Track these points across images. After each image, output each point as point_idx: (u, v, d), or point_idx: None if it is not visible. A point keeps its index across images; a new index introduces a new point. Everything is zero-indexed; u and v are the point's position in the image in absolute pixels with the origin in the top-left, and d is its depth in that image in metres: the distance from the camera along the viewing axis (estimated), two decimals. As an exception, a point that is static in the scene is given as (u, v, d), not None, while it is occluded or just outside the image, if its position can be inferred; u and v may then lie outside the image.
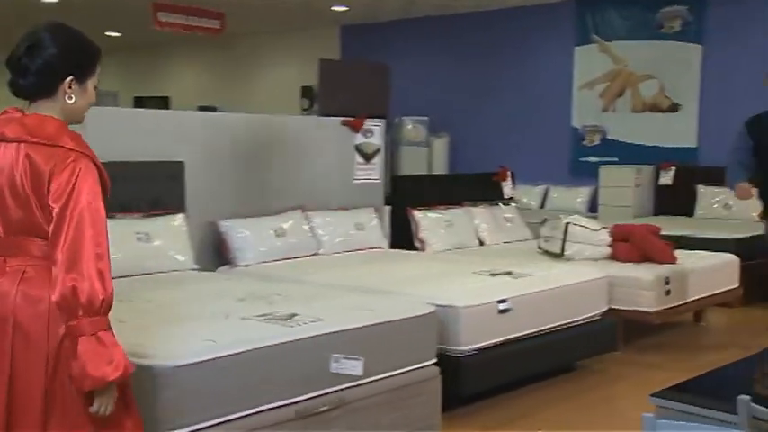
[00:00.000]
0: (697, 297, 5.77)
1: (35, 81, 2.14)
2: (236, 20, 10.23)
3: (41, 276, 2.09)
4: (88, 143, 2.16)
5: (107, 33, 12.44)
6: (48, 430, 2.08)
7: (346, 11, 10.82)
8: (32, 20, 2.38)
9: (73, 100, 2.16)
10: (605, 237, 5.79)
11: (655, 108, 9.29)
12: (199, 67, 14.00)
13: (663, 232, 6.04)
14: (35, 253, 2.10)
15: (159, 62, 14.40)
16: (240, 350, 3.00)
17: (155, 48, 13.92)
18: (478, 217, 6.58)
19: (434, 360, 3.79)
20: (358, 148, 5.99)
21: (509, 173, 7.13)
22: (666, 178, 8.74)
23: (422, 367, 3.71)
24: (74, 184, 2.05)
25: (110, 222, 2.16)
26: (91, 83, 2.21)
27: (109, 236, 2.12)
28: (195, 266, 4.71)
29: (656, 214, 8.67)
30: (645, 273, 5.46)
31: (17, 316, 2.07)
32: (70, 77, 2.15)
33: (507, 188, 7.09)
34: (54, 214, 2.05)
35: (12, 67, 2.16)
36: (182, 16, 9.09)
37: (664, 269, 5.56)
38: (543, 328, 4.52)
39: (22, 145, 2.09)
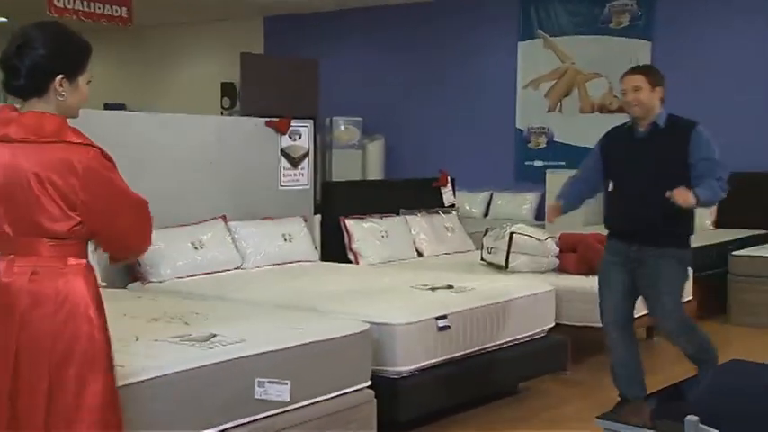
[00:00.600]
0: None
1: (25, 83, 2.34)
2: (146, 9, 10.09)
3: (50, 277, 2.32)
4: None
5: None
6: (50, 429, 2.30)
7: (271, 0, 10.80)
8: None
9: (64, 98, 2.36)
10: (552, 247, 5.90)
11: (603, 109, 9.52)
12: (106, 62, 13.70)
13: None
14: (44, 253, 2.33)
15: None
16: (153, 376, 2.98)
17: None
18: (417, 226, 6.64)
19: (369, 383, 3.82)
20: (284, 152, 5.98)
21: (449, 178, 7.21)
22: (617, 184, 8.92)
23: (355, 391, 3.73)
24: (102, 178, 2.32)
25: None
26: (82, 80, 2.40)
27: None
28: (102, 283, 4.57)
29: (606, 222, 8.84)
30: (594, 285, 5.56)
31: (24, 316, 2.28)
32: (60, 76, 2.34)
33: (448, 195, 7.17)
34: (92, 207, 2.31)
35: (4, 67, 2.37)
36: (81, 2, 8.88)
37: (614, 281, 5.68)
38: (487, 346, 4.59)
39: (27, 145, 2.30)
